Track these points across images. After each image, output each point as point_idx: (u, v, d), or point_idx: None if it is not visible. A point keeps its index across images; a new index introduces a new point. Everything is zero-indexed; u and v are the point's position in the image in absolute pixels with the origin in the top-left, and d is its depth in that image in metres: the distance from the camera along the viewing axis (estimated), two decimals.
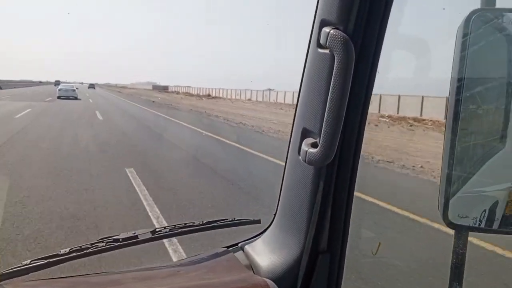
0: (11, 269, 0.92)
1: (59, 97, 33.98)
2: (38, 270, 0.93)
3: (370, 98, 0.91)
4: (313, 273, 0.98)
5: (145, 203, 5.26)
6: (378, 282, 3.34)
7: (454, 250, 0.81)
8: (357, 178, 0.97)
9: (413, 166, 8.61)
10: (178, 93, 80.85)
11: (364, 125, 0.93)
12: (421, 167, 8.50)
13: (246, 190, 6.46)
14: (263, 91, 52.75)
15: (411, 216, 5.08)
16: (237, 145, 11.33)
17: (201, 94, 71.49)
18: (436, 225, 4.58)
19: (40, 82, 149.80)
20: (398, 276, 3.48)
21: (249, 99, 53.84)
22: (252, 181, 7.13)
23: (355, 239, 3.91)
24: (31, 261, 0.94)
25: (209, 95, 64.09)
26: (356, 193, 0.99)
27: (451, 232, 0.81)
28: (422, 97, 27.75)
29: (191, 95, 69.28)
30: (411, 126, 19.23)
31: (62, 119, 16.33)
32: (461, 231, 0.81)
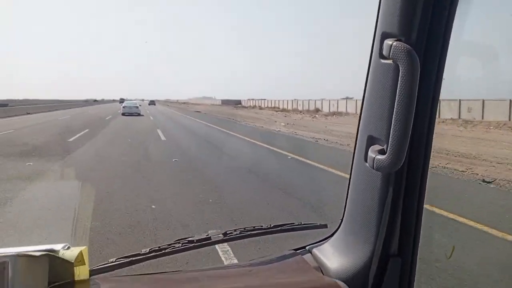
0: (100, 265, 1.02)
1: (123, 114, 34.92)
2: (122, 267, 1.03)
3: (437, 104, 0.91)
4: (383, 277, 0.98)
5: None
6: (452, 287, 3.14)
7: None
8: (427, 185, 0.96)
9: None
10: (261, 108, 64.68)
11: (433, 131, 0.93)
12: None
13: None
14: (337, 100, 49.23)
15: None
16: None
17: (299, 108, 55.69)
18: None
19: (95, 100, 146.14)
20: (472, 282, 3.24)
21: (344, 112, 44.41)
22: None
23: (427, 243, 3.72)
24: (116, 259, 1.04)
25: (317, 110, 49.45)
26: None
27: None
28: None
29: (286, 110, 54.35)
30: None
31: None
32: None
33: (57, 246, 0.92)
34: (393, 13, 0.85)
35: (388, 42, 0.84)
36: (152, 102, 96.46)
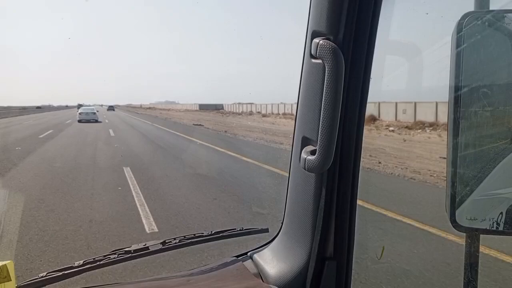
0: (29, 281, 0.94)
1: (79, 121, 32.05)
2: (54, 282, 0.96)
3: (365, 104, 0.93)
4: (320, 280, 0.98)
5: None
6: (385, 287, 3.30)
7: (467, 254, 0.80)
8: (359, 184, 0.98)
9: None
10: (264, 115, 42.49)
11: (362, 131, 0.94)
12: None
13: None
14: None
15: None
16: None
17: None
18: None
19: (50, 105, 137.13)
20: (406, 280, 3.43)
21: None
22: None
23: (361, 244, 3.88)
24: (47, 273, 0.96)
25: None
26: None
27: (455, 237, 0.79)
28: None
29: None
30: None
31: None
32: (472, 235, 0.80)
33: None
34: (321, 11, 0.85)
35: (316, 40, 0.84)
36: (111, 108, 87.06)
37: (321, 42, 0.82)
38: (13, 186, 7.00)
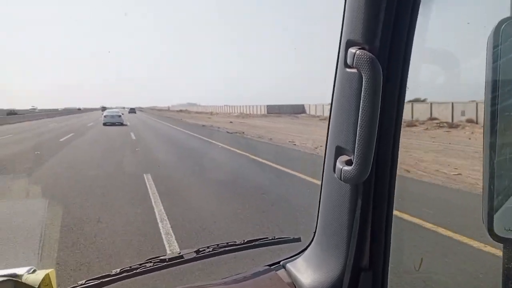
0: None
1: (105, 124, 32.37)
2: None
3: (402, 113, 0.92)
4: None
5: None
6: None
7: (505, 265, 0.77)
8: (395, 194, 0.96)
9: None
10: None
11: (399, 141, 0.93)
12: None
13: None
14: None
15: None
16: None
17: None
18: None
19: (79, 109, 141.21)
20: None
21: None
22: None
23: (397, 255, 3.77)
24: (86, 281, 1.00)
25: None
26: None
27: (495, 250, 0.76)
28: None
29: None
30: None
31: None
32: (511, 245, 0.76)
33: (21, 270, 0.88)
34: (357, 21, 0.85)
35: (352, 50, 0.84)
36: (132, 110, 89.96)
37: (358, 52, 0.82)
38: (48, 191, 7.30)
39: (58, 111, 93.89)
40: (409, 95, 0.92)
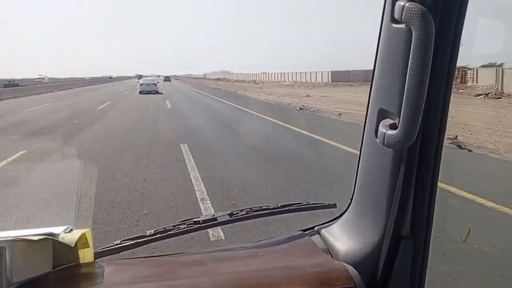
0: (105, 248, 1.02)
1: (141, 92, 32.52)
2: (127, 249, 1.02)
3: (453, 73, 0.84)
4: (395, 259, 0.94)
5: None
6: (467, 272, 3.11)
7: None
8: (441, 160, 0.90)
9: None
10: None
11: (448, 103, 0.86)
12: None
13: None
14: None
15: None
16: None
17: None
18: None
19: (111, 77, 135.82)
20: (490, 266, 3.20)
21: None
22: None
23: (441, 224, 3.68)
24: (121, 241, 1.03)
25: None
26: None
27: None
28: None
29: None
30: None
31: None
32: None
33: (58, 229, 0.90)
34: None
35: (400, 3, 0.76)
36: (167, 79, 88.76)
37: (407, 4, 0.74)
38: (85, 154, 7.57)
39: (84, 80, 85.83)
40: (462, 53, 0.83)
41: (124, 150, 8.06)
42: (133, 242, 1.02)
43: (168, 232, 1.06)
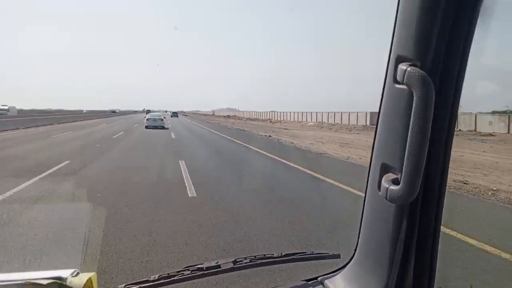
0: None
1: (147, 127, 32.55)
2: None
3: (453, 132, 0.88)
4: None
5: None
6: None
7: None
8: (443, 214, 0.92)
9: None
10: None
11: (449, 160, 0.89)
12: None
13: None
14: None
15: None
16: None
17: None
18: None
19: (114, 111, 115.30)
20: None
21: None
22: None
23: (443, 280, 3.56)
24: (125, 285, 1.03)
25: None
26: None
27: None
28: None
29: None
30: None
31: None
32: None
33: (66, 273, 0.91)
34: (408, 36, 0.82)
35: (402, 66, 0.81)
36: (174, 114, 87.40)
37: (409, 69, 0.79)
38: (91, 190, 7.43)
39: (76, 114, 68.57)
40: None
41: None
42: (136, 287, 1.02)
43: (172, 278, 1.06)
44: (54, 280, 0.87)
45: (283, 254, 1.18)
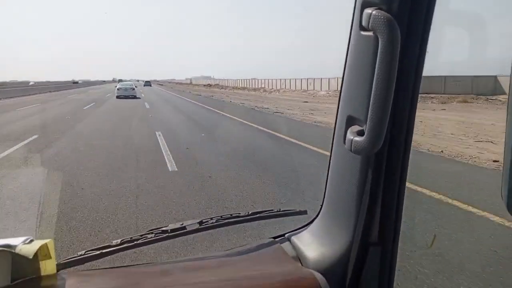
0: (68, 259, 0.97)
1: (118, 97, 31.65)
2: (92, 260, 0.98)
3: (420, 80, 0.85)
4: (363, 266, 0.95)
5: None
6: (432, 277, 3.19)
7: None
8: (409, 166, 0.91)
9: None
10: None
11: (415, 109, 0.88)
12: None
13: None
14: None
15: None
16: None
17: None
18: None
19: (75, 82, 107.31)
20: (454, 271, 3.30)
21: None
22: None
23: (408, 230, 3.76)
24: (85, 251, 0.99)
25: None
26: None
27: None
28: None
29: None
30: None
31: None
32: None
33: (17, 240, 0.85)
34: None
35: (367, 11, 0.77)
36: (147, 83, 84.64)
37: (374, 12, 0.75)
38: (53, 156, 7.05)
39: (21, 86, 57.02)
40: (428, 61, 0.85)
41: None
42: (98, 252, 0.98)
43: (135, 242, 1.03)
44: (2, 248, 0.81)
45: (250, 212, 1.17)
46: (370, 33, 0.78)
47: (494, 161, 7.57)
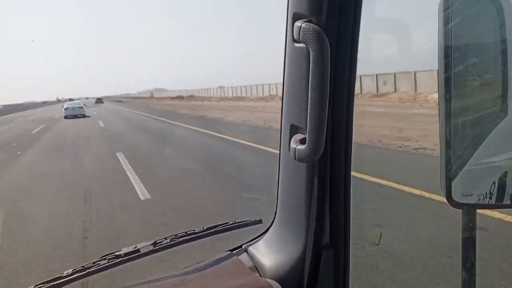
0: None
1: (66, 117, 29.51)
2: None
3: (354, 86, 0.90)
4: (318, 270, 0.96)
5: None
6: (385, 272, 3.31)
7: (464, 231, 0.79)
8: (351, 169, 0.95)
9: None
10: None
11: (352, 115, 0.92)
12: None
13: None
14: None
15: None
16: None
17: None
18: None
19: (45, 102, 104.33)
20: (405, 263, 3.45)
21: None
22: None
23: (358, 230, 3.88)
24: (35, 286, 0.93)
25: None
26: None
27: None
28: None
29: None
30: None
31: None
32: (469, 210, 0.78)
33: None
34: None
35: (297, 24, 0.80)
36: (99, 100, 77.07)
37: (303, 25, 0.78)
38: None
39: None
40: (360, 68, 0.90)
41: None
42: (48, 285, 0.93)
43: (88, 270, 0.98)
44: None
45: (205, 228, 1.16)
46: (303, 45, 0.80)
47: None
